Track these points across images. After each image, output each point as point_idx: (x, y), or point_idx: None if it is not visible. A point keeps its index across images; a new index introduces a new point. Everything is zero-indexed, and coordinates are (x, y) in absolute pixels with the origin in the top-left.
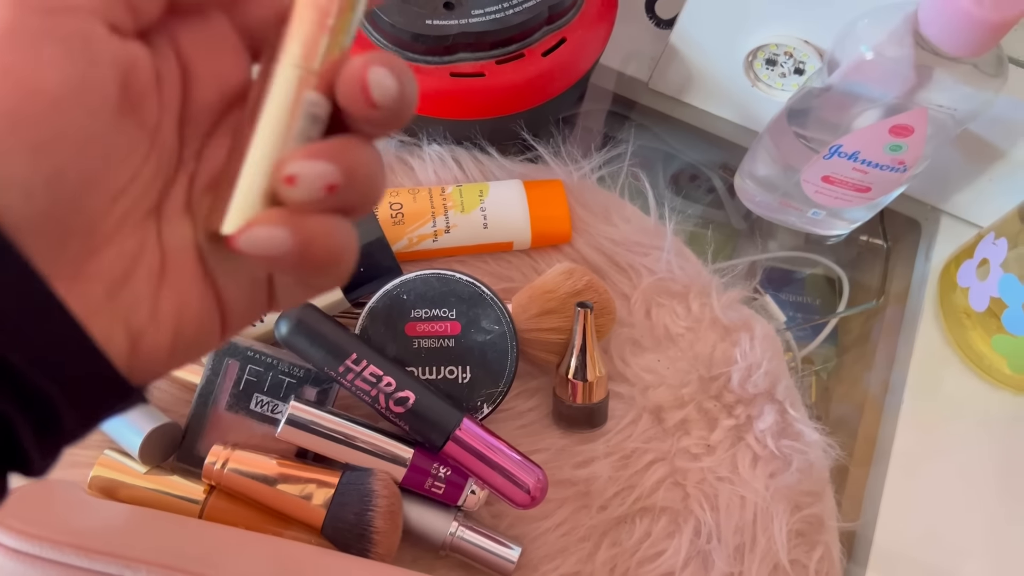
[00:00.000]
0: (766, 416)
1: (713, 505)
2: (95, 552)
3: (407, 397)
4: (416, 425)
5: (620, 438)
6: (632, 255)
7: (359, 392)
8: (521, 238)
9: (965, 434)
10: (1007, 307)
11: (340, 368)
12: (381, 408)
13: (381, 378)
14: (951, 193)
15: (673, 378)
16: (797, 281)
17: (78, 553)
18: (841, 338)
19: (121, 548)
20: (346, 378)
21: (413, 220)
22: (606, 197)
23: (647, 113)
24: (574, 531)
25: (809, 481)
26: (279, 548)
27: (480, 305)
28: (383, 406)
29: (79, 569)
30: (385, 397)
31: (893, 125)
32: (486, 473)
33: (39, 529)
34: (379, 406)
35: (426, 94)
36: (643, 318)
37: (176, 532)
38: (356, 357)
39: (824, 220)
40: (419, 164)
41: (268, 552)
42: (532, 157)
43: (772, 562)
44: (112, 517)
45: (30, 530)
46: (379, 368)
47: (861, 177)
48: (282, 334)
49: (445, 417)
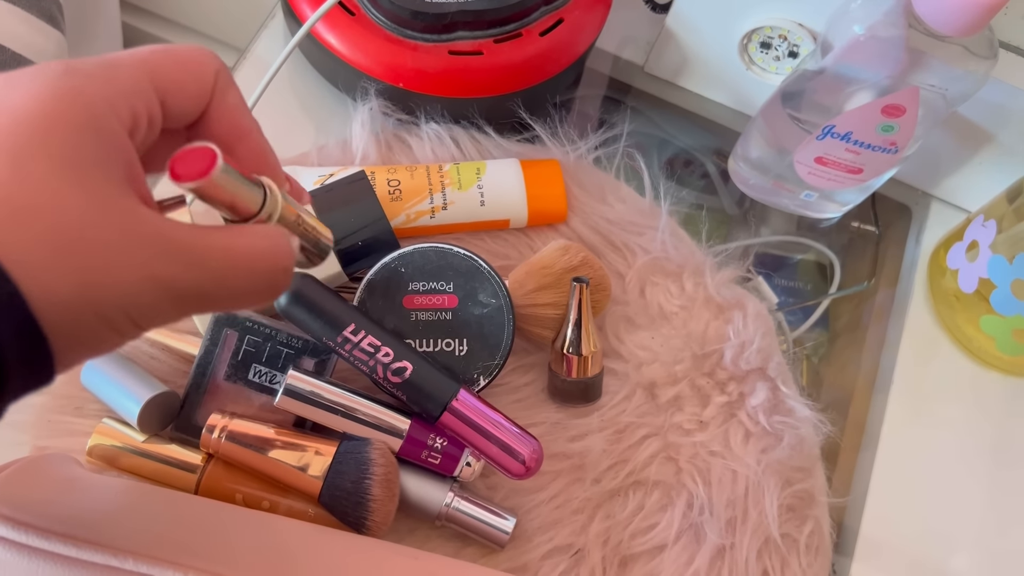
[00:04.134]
0: (758, 392)
1: (705, 479)
2: (83, 541)
3: (405, 367)
4: (413, 395)
5: (614, 413)
6: (627, 235)
7: (357, 362)
8: (518, 216)
9: (955, 415)
10: (996, 287)
11: (338, 338)
12: (379, 378)
13: (379, 348)
14: (941, 178)
15: (666, 355)
16: (789, 266)
17: (65, 542)
18: (832, 323)
19: (110, 537)
20: (344, 348)
21: (411, 196)
22: (602, 177)
23: (642, 97)
24: (568, 503)
25: (800, 457)
26: (273, 530)
27: (477, 278)
28: (381, 376)
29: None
30: (383, 367)
31: (885, 105)
32: (482, 443)
33: (27, 516)
34: (377, 376)
35: (424, 72)
36: (637, 296)
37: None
38: (354, 328)
39: (816, 202)
40: (416, 142)
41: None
42: (529, 137)
43: (763, 536)
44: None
45: (18, 516)
46: (377, 339)
47: (854, 158)
48: (281, 305)
49: (442, 388)
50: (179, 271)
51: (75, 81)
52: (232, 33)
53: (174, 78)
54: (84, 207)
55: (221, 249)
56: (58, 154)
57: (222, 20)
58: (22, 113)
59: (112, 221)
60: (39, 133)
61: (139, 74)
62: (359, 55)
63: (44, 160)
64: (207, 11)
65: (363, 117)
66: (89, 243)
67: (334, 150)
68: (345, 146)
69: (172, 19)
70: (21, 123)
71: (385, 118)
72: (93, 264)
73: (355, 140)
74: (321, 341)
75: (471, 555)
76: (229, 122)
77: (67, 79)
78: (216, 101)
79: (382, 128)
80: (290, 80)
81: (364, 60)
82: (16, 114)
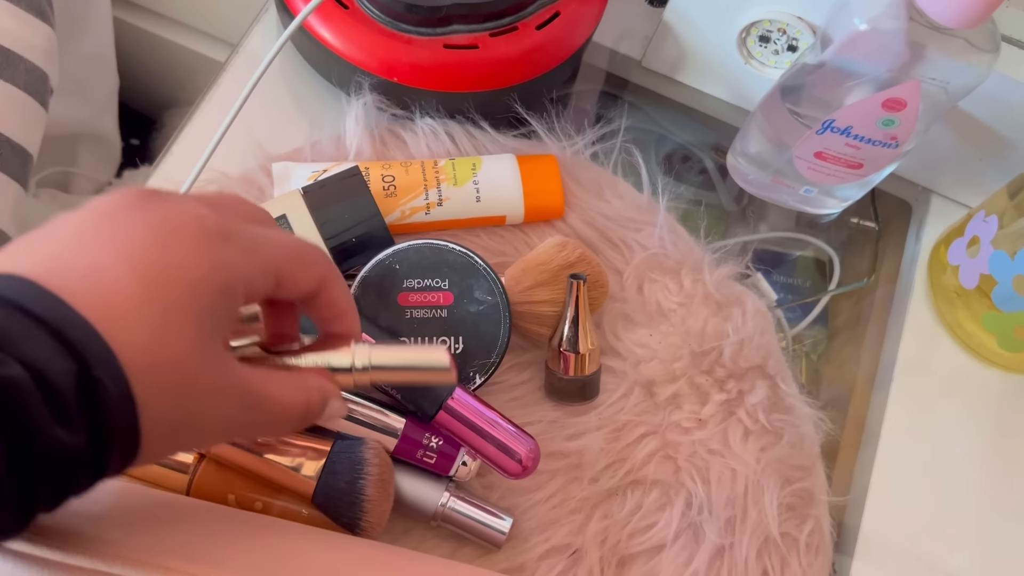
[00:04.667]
0: (757, 390)
1: (704, 478)
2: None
3: None
4: (409, 393)
5: (612, 411)
6: (625, 231)
7: None
8: (514, 212)
9: (955, 413)
10: (997, 284)
11: None
12: None
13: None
14: (942, 174)
15: (665, 352)
16: (788, 263)
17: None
18: (831, 320)
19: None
20: None
21: (405, 192)
22: (599, 173)
23: (640, 92)
24: (565, 503)
25: (800, 455)
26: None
27: (473, 275)
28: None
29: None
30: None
31: (886, 99)
32: (478, 442)
33: None
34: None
35: (419, 66)
36: (635, 293)
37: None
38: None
39: (816, 198)
40: (411, 138)
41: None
42: (525, 132)
43: (763, 535)
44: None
45: None
46: (372, 336)
47: (854, 153)
48: None
49: (436, 387)
50: (244, 415)
51: (228, 255)
52: (225, 27)
53: (295, 273)
54: (202, 362)
55: (275, 398)
56: (198, 315)
57: (215, 14)
58: (181, 274)
59: (216, 373)
60: (190, 295)
61: (273, 263)
62: (353, 49)
63: (187, 318)
64: (200, 5)
65: (357, 112)
66: (198, 391)
67: (328, 145)
68: (339, 141)
69: (164, 14)
70: (178, 283)
71: (380, 113)
72: (194, 409)
73: (349, 135)
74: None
75: (467, 555)
76: (330, 308)
77: (223, 251)
78: (324, 293)
79: (376, 123)
80: (284, 75)
81: (358, 54)
82: (176, 273)
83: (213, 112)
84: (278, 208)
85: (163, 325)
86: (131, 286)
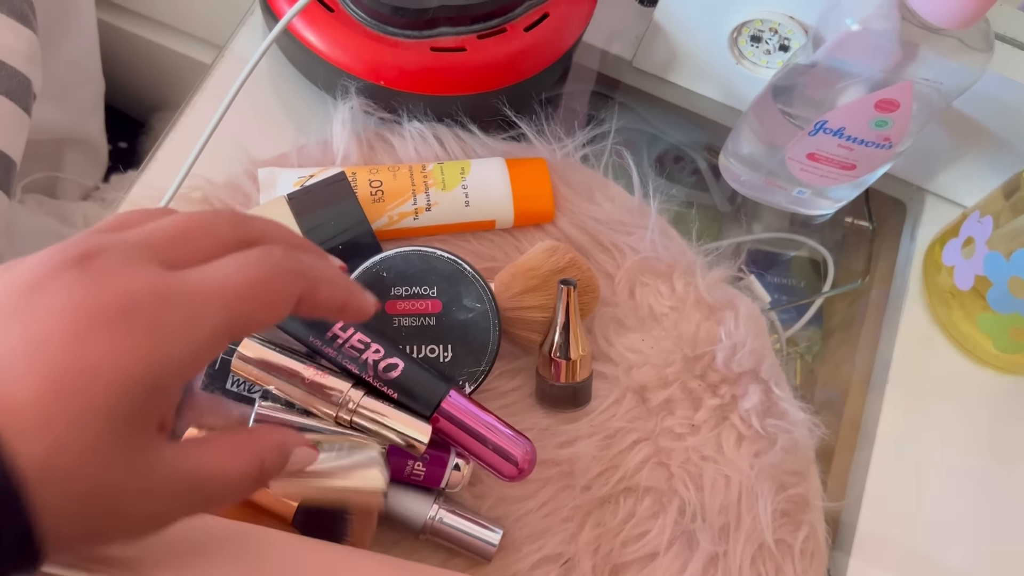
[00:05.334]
0: (751, 395)
1: (698, 485)
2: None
3: (396, 364)
4: (404, 394)
5: (604, 418)
6: (616, 234)
7: (346, 360)
8: (503, 216)
9: (951, 414)
10: (992, 285)
11: (328, 335)
12: (369, 376)
13: (369, 345)
14: (936, 173)
15: (657, 358)
16: (782, 263)
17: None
18: (826, 321)
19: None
20: (333, 345)
21: (393, 198)
22: (590, 176)
23: (631, 93)
24: (557, 511)
25: (794, 460)
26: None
27: (461, 283)
28: (371, 373)
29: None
30: (374, 364)
31: (879, 100)
32: (473, 445)
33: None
34: (367, 373)
35: (405, 69)
36: (627, 298)
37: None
38: (343, 325)
39: (809, 199)
40: (399, 142)
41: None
42: (515, 135)
43: (757, 542)
44: None
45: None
46: (367, 336)
47: (846, 154)
48: None
49: (432, 388)
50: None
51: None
52: (210, 30)
53: (254, 317)
54: (119, 467)
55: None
56: (115, 419)
57: (200, 17)
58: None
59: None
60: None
61: (221, 329)
62: (338, 52)
63: (101, 424)
64: (185, 8)
65: (344, 116)
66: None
67: (315, 150)
68: (326, 146)
69: (149, 16)
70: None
71: (367, 117)
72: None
73: (336, 140)
74: (307, 341)
75: (458, 565)
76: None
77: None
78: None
79: (364, 127)
80: (270, 79)
81: (344, 58)
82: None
83: (198, 117)
84: (263, 215)
85: (68, 433)
86: (39, 386)
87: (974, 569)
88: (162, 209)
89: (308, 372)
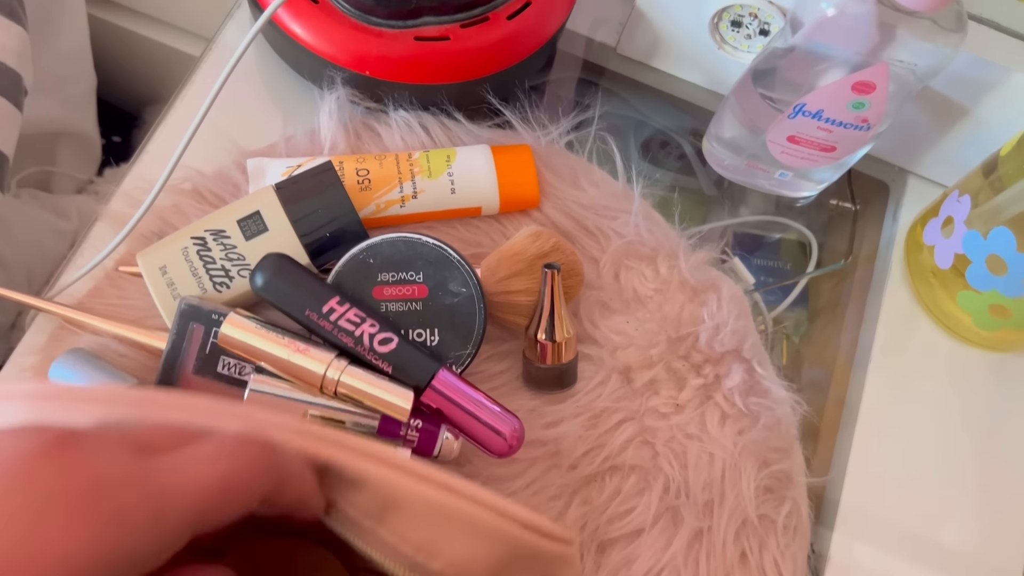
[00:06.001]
0: (734, 374)
1: (682, 462)
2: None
3: (391, 338)
4: (399, 367)
5: (589, 398)
6: (600, 219)
7: (343, 332)
8: (489, 203)
9: (933, 391)
10: (971, 263)
11: (324, 308)
12: (364, 349)
13: (365, 319)
14: (918, 154)
15: (642, 339)
16: (768, 246)
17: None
18: (812, 302)
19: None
20: (330, 318)
21: (380, 186)
22: (574, 162)
23: (616, 79)
24: (544, 490)
25: (777, 437)
26: None
27: (447, 268)
28: (367, 346)
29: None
30: (369, 337)
31: (856, 82)
32: (463, 421)
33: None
34: (363, 346)
35: (390, 59)
36: (612, 281)
37: None
38: (339, 299)
39: (792, 181)
40: (386, 131)
41: None
42: (500, 123)
43: (741, 517)
44: None
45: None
46: (362, 312)
47: (826, 136)
48: (259, 284)
49: (423, 366)
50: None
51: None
52: (199, 23)
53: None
54: None
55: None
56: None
57: (189, 10)
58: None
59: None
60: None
61: (185, 527)
62: (323, 43)
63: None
64: (173, 1)
65: (330, 106)
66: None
67: (302, 140)
68: (313, 136)
69: (139, 10)
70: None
71: (353, 107)
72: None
73: (323, 130)
74: (302, 316)
75: None
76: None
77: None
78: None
79: (350, 117)
80: (258, 71)
81: (329, 48)
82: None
83: (187, 109)
84: (251, 205)
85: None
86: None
87: (957, 543)
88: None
89: (293, 344)
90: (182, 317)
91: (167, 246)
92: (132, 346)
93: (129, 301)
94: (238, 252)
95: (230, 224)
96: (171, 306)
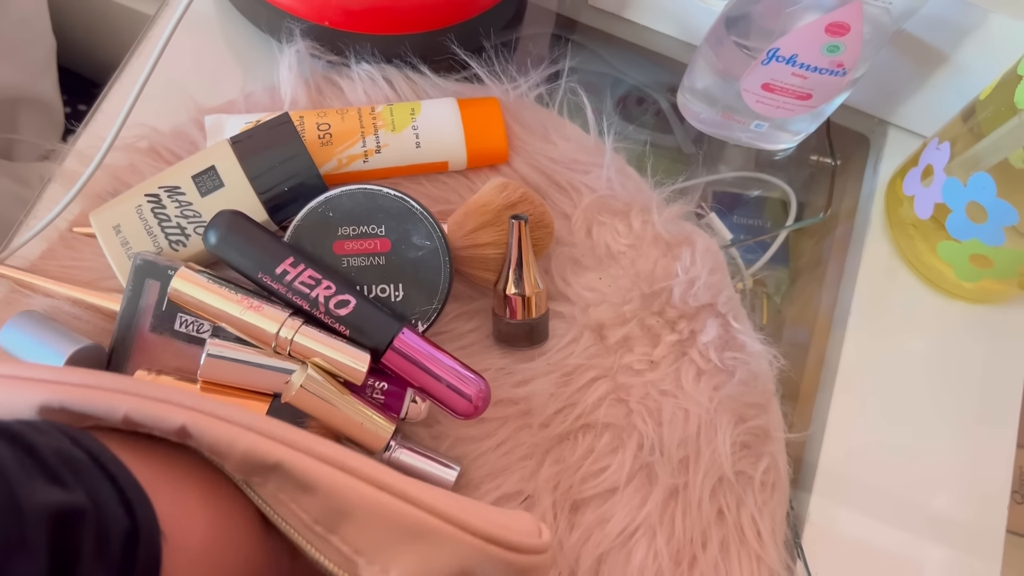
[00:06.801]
0: (709, 329)
1: (656, 420)
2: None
3: (348, 300)
4: (356, 331)
5: (561, 356)
6: (572, 173)
7: (297, 295)
8: (456, 157)
9: (915, 345)
10: (951, 212)
11: (277, 270)
12: (320, 312)
13: (320, 281)
14: (897, 104)
15: (615, 296)
16: (748, 204)
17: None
18: (793, 261)
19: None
20: (284, 280)
21: (342, 140)
22: (544, 115)
23: (590, 33)
24: (516, 449)
25: (754, 393)
26: None
27: (410, 220)
28: (322, 310)
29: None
30: (325, 300)
31: (829, 23)
32: (426, 382)
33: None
34: (318, 310)
35: (349, 9)
36: (584, 237)
37: None
38: (293, 261)
39: (768, 132)
40: (348, 84)
41: None
42: (468, 76)
43: (717, 474)
44: None
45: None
46: (317, 272)
47: (801, 83)
48: (212, 243)
49: (384, 326)
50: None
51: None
52: None
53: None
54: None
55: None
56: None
57: None
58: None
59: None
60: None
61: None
62: None
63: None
64: None
65: (290, 60)
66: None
67: (262, 96)
68: (274, 92)
69: None
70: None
71: (314, 60)
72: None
73: (283, 85)
74: (256, 278)
75: None
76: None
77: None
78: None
79: (311, 71)
80: (218, 24)
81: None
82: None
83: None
84: (207, 160)
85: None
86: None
87: (938, 500)
88: None
89: (246, 300)
90: (137, 273)
91: (120, 204)
92: (86, 308)
93: (84, 263)
94: (194, 209)
95: (185, 180)
96: (126, 266)
